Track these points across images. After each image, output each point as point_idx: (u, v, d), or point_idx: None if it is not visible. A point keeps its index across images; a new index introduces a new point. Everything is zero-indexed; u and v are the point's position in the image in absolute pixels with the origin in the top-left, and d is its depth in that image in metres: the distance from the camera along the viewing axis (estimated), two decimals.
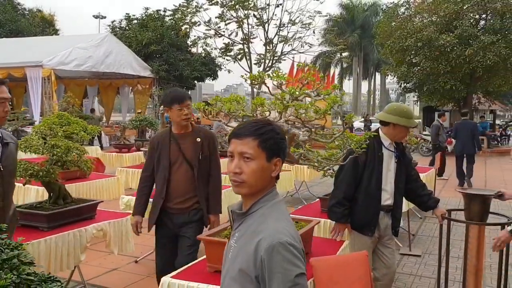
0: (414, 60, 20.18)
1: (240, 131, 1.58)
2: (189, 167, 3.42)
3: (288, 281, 1.40)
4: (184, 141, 3.45)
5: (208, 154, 3.50)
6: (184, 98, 3.41)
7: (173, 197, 3.43)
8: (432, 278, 4.90)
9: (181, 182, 3.43)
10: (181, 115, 3.38)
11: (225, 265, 1.63)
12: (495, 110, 27.57)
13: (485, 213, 3.63)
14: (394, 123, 3.43)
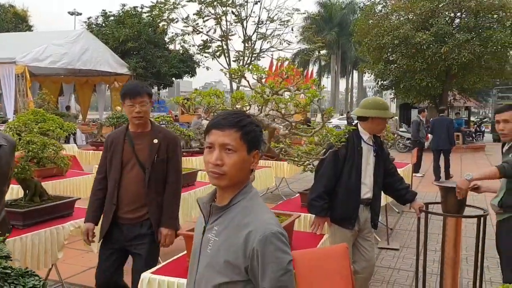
0: (391, 57, 20.45)
1: (222, 122, 1.54)
2: (141, 170, 3.02)
3: (281, 269, 1.46)
4: (139, 141, 3.06)
5: (165, 157, 3.08)
6: (138, 93, 2.99)
7: (123, 204, 3.02)
8: (410, 271, 4.98)
9: (132, 187, 3.02)
10: (132, 112, 2.98)
11: (199, 259, 1.61)
12: (470, 107, 28.15)
13: (462, 206, 3.70)
14: (373, 117, 3.47)
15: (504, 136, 3.45)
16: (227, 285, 1.51)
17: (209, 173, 1.55)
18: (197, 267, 1.61)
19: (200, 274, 1.59)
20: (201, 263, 1.59)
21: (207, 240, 1.59)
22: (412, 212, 7.84)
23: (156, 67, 23.20)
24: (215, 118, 1.59)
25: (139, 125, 3.07)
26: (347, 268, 2.68)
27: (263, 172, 7.10)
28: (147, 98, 3.04)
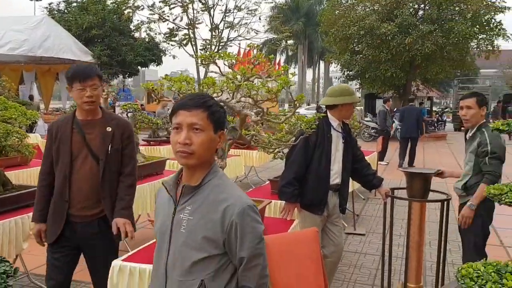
0: (357, 48, 20.75)
1: (189, 102, 1.59)
2: (95, 162, 2.73)
3: (257, 238, 1.59)
4: (90, 130, 2.75)
5: (119, 146, 2.81)
6: (88, 75, 2.68)
7: (76, 201, 2.72)
8: (376, 255, 5.12)
9: (86, 182, 2.72)
10: (83, 97, 2.66)
11: (170, 240, 1.64)
12: (432, 97, 28.93)
13: (426, 191, 3.83)
14: (342, 104, 3.53)
15: (467, 121, 3.59)
16: (205, 260, 1.58)
17: (177, 153, 1.59)
18: (168, 249, 1.64)
19: (174, 255, 1.62)
20: (174, 243, 1.63)
21: (179, 221, 1.62)
22: (377, 199, 8.09)
23: (121, 55, 22.70)
24: (181, 100, 1.64)
25: (89, 112, 2.75)
26: (317, 252, 2.73)
27: (232, 161, 7.10)
28: (98, 81, 2.72)
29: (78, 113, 2.79)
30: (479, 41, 20.27)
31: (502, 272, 1.79)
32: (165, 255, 1.65)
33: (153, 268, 1.75)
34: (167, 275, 1.65)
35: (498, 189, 2.08)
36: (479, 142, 3.49)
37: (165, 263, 1.65)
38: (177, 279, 1.62)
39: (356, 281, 4.43)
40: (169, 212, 1.66)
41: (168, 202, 1.69)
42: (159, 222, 1.72)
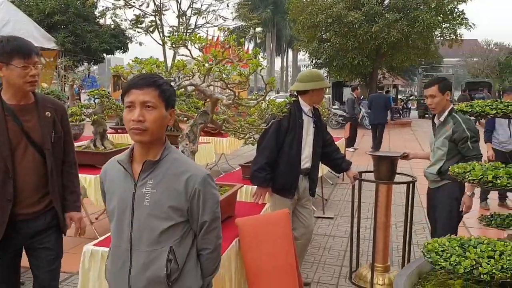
0: (325, 36, 20.90)
1: (140, 82, 1.67)
2: (38, 153, 2.42)
3: (216, 202, 1.78)
4: (27, 117, 2.39)
5: (62, 133, 2.52)
6: (33, 50, 2.33)
7: (22, 197, 2.40)
8: (345, 237, 5.24)
9: (30, 175, 2.40)
10: (26, 76, 2.30)
11: (133, 215, 1.72)
12: (397, 85, 29.52)
13: (393, 174, 3.94)
14: (313, 89, 3.57)
15: (433, 109, 3.69)
16: (172, 228, 1.71)
17: (131, 130, 1.66)
18: (130, 223, 1.72)
19: (139, 228, 1.71)
20: (138, 217, 1.71)
21: (141, 195, 1.71)
22: (345, 184, 8.25)
23: (86, 42, 22.12)
24: (132, 80, 1.71)
25: (24, 96, 2.38)
26: (289, 232, 2.79)
27: (202, 148, 7.07)
28: (38, 58, 2.38)
29: (8, 97, 2.37)
30: (442, 30, 20.79)
31: (465, 246, 1.88)
32: (128, 230, 1.72)
33: (113, 246, 1.80)
34: (132, 249, 1.72)
35: (461, 168, 2.17)
36: (455, 129, 3.52)
37: (128, 238, 1.72)
38: (145, 250, 1.71)
39: (325, 263, 4.53)
40: (127, 189, 1.74)
41: (124, 179, 1.75)
42: (115, 200, 1.76)
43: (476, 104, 2.34)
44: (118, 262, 1.75)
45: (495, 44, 42.00)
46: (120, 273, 1.74)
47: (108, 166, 1.85)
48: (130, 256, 1.72)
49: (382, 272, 3.99)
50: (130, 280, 1.72)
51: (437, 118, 3.74)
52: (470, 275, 1.72)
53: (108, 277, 1.84)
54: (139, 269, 1.71)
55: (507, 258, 1.75)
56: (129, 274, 1.72)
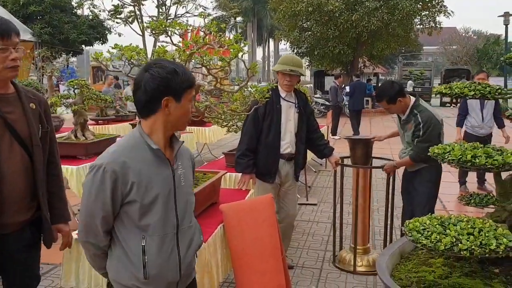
0: (305, 25, 20.90)
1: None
2: (25, 152, 2.07)
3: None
4: (10, 108, 2.05)
5: (48, 129, 2.20)
6: (12, 30, 1.99)
7: (9, 204, 2.02)
8: (328, 222, 5.30)
9: (17, 177, 2.04)
10: (5, 61, 1.97)
11: (176, 197, 1.76)
12: (378, 73, 29.72)
13: (368, 156, 4.02)
14: (277, 71, 3.62)
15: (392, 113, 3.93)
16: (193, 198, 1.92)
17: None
18: (175, 208, 1.76)
19: (182, 208, 1.79)
20: (180, 199, 1.78)
21: (179, 177, 1.79)
22: (328, 171, 8.33)
23: (63, 33, 21.69)
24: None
25: (3, 84, 2.04)
26: (273, 217, 2.81)
27: (184, 138, 7.04)
28: (18, 39, 2.03)
29: None
30: (422, 17, 20.98)
31: (445, 224, 1.92)
32: (174, 215, 1.75)
33: (156, 238, 1.70)
34: (178, 231, 1.76)
35: (441, 149, 2.20)
36: (416, 126, 3.67)
37: (175, 222, 1.76)
38: (187, 227, 1.81)
39: (309, 248, 4.58)
40: (165, 175, 1.74)
41: (158, 166, 1.72)
42: (155, 191, 1.69)
43: (455, 86, 2.38)
44: (166, 251, 1.73)
45: (474, 31, 42.65)
46: (170, 259, 1.74)
47: (125, 158, 1.65)
48: (176, 239, 1.76)
49: (362, 254, 4.07)
50: (180, 261, 1.77)
51: (403, 115, 3.86)
52: (450, 252, 1.76)
53: (154, 272, 1.69)
54: (186, 247, 1.80)
55: (485, 235, 1.79)
56: (179, 256, 1.77)
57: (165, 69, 1.66)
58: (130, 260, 1.69)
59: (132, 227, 1.70)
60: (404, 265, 2.23)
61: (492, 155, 2.02)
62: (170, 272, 1.74)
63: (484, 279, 2.00)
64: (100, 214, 1.66)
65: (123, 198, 1.67)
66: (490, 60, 36.44)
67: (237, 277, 2.80)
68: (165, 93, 1.66)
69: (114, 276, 1.75)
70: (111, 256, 1.76)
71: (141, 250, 1.68)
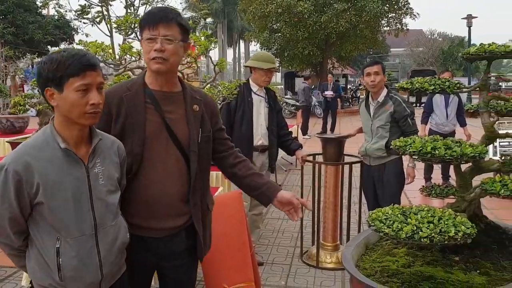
0: (275, 26, 21.04)
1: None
2: (181, 155, 2.01)
3: None
4: (171, 108, 2.00)
5: (209, 133, 2.11)
6: (166, 18, 1.89)
7: (157, 209, 1.99)
8: (298, 220, 5.34)
9: (171, 181, 1.99)
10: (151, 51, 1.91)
11: (92, 197, 1.66)
12: (347, 74, 30.15)
13: (340, 154, 4.08)
14: (253, 67, 3.71)
15: (374, 87, 3.82)
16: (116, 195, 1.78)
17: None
18: (91, 207, 1.66)
19: (101, 207, 1.69)
20: (97, 197, 1.68)
21: (95, 176, 1.68)
22: (298, 170, 8.38)
23: (28, 33, 21.18)
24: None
25: (169, 80, 1.99)
26: (241, 212, 2.83)
27: None
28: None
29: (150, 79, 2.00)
30: (389, 19, 21.41)
31: (407, 213, 1.97)
32: (91, 216, 1.65)
33: (72, 240, 1.61)
34: (97, 231, 1.67)
35: (402, 142, 2.27)
36: (395, 108, 3.75)
37: (92, 224, 1.66)
38: (109, 226, 1.71)
39: (279, 244, 4.62)
40: (77, 175, 1.62)
41: (69, 165, 1.61)
42: (63, 192, 1.59)
43: (416, 81, 2.46)
44: (84, 252, 1.64)
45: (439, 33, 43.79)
46: (88, 261, 1.65)
47: (29, 158, 1.56)
48: (96, 239, 1.66)
49: (331, 251, 4.13)
50: (101, 261, 1.68)
51: (373, 99, 3.90)
52: (411, 240, 1.81)
53: (70, 274, 1.62)
54: (109, 246, 1.71)
55: (445, 223, 1.85)
56: (99, 255, 1.67)
57: (46, 58, 1.59)
58: (45, 262, 1.62)
59: (46, 229, 1.62)
60: (369, 256, 2.28)
61: (451, 147, 2.09)
62: (89, 274, 1.66)
63: (445, 267, 2.06)
64: (6, 215, 1.58)
65: (31, 200, 1.58)
66: (455, 61, 37.50)
67: (205, 273, 2.81)
68: (44, 84, 1.57)
69: (32, 276, 1.69)
70: (29, 256, 1.68)
71: (55, 252, 1.60)
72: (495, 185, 2.04)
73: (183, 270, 2.09)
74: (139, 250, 1.97)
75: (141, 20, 1.90)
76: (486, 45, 2.24)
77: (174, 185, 1.95)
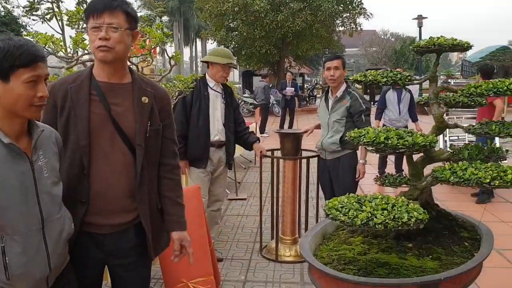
0: (232, 25, 21.01)
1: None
2: (128, 150, 1.94)
3: None
4: (118, 100, 1.94)
5: (159, 126, 2.03)
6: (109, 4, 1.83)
7: (103, 205, 1.95)
8: (258, 215, 5.34)
9: (117, 177, 1.94)
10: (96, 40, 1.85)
11: (37, 190, 1.60)
12: (304, 73, 30.54)
13: (298, 150, 4.12)
14: (210, 62, 3.70)
15: (334, 81, 3.88)
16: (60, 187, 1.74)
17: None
18: (37, 201, 1.60)
19: (48, 198, 1.64)
20: (43, 191, 1.62)
21: (40, 169, 1.63)
22: (257, 167, 8.42)
23: None
24: None
25: (117, 71, 1.93)
26: (200, 206, 2.81)
27: None
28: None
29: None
30: (343, 19, 21.84)
31: (362, 201, 2.02)
32: (37, 210, 1.59)
33: (19, 237, 1.54)
34: (44, 226, 1.61)
35: (357, 133, 2.32)
36: (352, 103, 3.81)
37: (39, 219, 1.60)
38: (56, 218, 1.67)
39: (239, 240, 4.63)
40: (22, 170, 1.56)
41: (12, 160, 1.54)
42: (8, 189, 1.52)
43: (369, 73, 2.52)
44: (32, 248, 1.58)
45: (392, 34, 45.06)
46: (37, 256, 1.59)
47: None
48: (43, 233, 1.61)
49: (290, 245, 4.17)
50: (48, 255, 1.63)
51: (332, 94, 3.97)
52: (366, 226, 1.86)
53: (18, 272, 1.55)
54: (56, 238, 1.67)
55: (398, 209, 1.91)
56: (47, 250, 1.62)
57: None
58: None
59: None
60: (326, 245, 2.32)
61: (403, 137, 2.16)
62: (37, 269, 1.60)
63: (399, 253, 2.13)
64: None
65: None
66: (407, 61, 38.71)
67: (163, 269, 2.77)
68: None
69: None
70: None
71: (0, 251, 1.53)
72: (445, 172, 2.11)
73: (132, 268, 2.01)
74: (87, 246, 1.91)
75: (85, 9, 1.85)
76: (435, 38, 2.33)
77: (120, 180, 1.89)
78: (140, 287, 2.07)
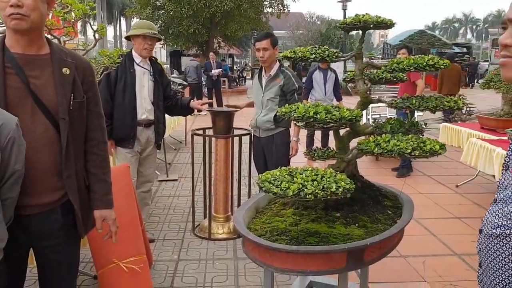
0: (158, 3, 20.40)
1: None
2: (51, 124, 1.85)
3: (25, 151, 1.68)
4: (37, 72, 1.82)
5: (83, 99, 1.94)
6: None
7: (27, 184, 1.84)
8: (189, 196, 5.32)
9: (40, 153, 1.85)
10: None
11: None
12: (233, 54, 30.45)
13: (230, 128, 4.13)
14: (132, 36, 3.58)
15: (264, 62, 3.91)
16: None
17: None
18: None
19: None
20: None
21: None
22: (188, 148, 8.36)
23: None
24: None
25: (33, 42, 1.81)
26: (129, 186, 2.74)
27: None
28: None
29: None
30: (271, 0, 21.94)
31: (293, 174, 2.08)
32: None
33: None
34: None
35: (287, 108, 2.36)
36: (285, 82, 3.85)
37: None
38: None
39: (171, 221, 4.59)
40: None
41: None
42: None
43: (298, 50, 2.57)
44: None
45: (318, 17, 46.03)
46: None
47: None
48: None
49: (223, 222, 4.21)
50: None
51: (266, 72, 4.00)
52: (298, 197, 1.92)
53: None
54: None
55: (327, 180, 1.99)
56: None
57: None
58: None
59: None
60: (259, 218, 2.36)
61: (331, 111, 2.23)
62: None
63: (328, 222, 2.22)
64: None
65: None
66: (332, 43, 39.83)
67: (93, 250, 2.69)
68: None
69: None
70: None
71: None
72: (370, 144, 2.23)
73: (59, 249, 1.93)
74: (10, 229, 1.75)
75: None
76: (360, 15, 2.41)
77: (44, 157, 1.79)
78: (68, 268, 1.99)
